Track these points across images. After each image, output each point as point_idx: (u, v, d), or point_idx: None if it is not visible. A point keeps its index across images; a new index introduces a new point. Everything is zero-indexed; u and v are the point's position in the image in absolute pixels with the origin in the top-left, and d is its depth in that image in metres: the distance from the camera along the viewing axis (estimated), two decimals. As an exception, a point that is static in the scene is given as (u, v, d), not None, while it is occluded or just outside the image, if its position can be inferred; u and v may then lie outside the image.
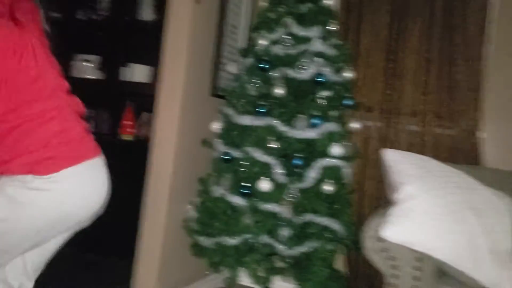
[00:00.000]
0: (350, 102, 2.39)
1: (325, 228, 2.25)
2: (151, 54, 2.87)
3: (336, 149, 2.24)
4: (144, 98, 2.98)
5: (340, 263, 2.69)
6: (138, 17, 3.00)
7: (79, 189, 1.36)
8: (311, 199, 2.23)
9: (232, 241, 2.23)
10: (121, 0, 2.95)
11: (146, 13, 2.99)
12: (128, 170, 2.76)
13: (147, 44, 2.99)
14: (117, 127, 2.94)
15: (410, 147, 2.62)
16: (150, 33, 2.93)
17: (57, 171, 1.30)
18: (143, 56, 3.02)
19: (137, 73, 2.94)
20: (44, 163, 1.29)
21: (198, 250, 2.42)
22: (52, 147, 1.31)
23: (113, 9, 2.98)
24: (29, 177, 1.27)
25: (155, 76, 2.72)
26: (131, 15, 2.98)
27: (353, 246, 2.28)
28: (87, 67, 3.06)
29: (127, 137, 2.87)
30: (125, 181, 2.76)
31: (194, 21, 2.51)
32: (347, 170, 2.33)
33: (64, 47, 3.08)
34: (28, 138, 1.29)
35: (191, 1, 2.48)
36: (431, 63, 2.64)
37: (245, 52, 2.48)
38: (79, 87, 3.13)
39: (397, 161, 1.97)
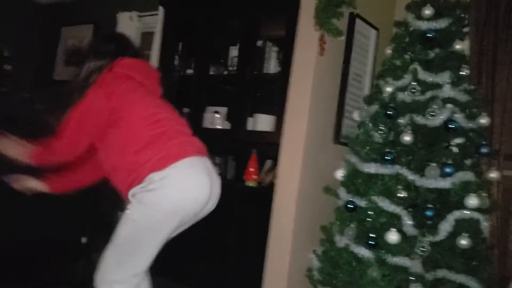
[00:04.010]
0: (486, 150, 2.22)
1: (461, 286, 2.06)
2: (274, 104, 2.99)
3: (472, 200, 2.07)
4: (268, 146, 3.08)
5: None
6: (264, 70, 3.16)
7: (183, 182, 1.75)
8: (444, 253, 2.07)
9: (357, 294, 2.13)
10: (249, 56, 3.14)
11: (271, 67, 3.14)
12: (252, 215, 2.84)
13: (271, 95, 3.13)
14: (243, 174, 3.06)
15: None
16: (274, 84, 3.07)
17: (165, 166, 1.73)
18: (267, 106, 3.16)
19: (262, 122, 3.06)
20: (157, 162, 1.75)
21: (322, 301, 2.36)
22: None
23: (240, 64, 3.18)
24: (147, 178, 1.72)
25: (279, 125, 2.81)
26: (257, 69, 3.15)
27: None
28: (217, 118, 3.27)
29: (251, 183, 2.97)
30: (249, 226, 2.85)
31: (317, 72, 2.58)
32: (485, 224, 2.13)
33: (197, 101, 3.35)
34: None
35: (315, 54, 2.56)
36: None
37: (370, 100, 2.46)
38: (209, 137, 3.38)
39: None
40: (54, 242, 3.40)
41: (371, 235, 2.13)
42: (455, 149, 2.18)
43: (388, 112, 2.26)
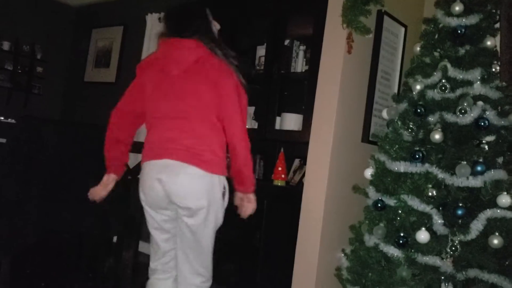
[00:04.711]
0: (518, 148, 2.18)
1: (494, 286, 2.03)
2: (302, 103, 3.00)
3: (505, 199, 2.04)
4: (296, 145, 3.09)
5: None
6: (292, 69, 3.18)
7: (140, 181, 1.98)
8: (476, 253, 2.05)
9: (387, 293, 2.13)
10: (276, 55, 3.16)
11: (299, 66, 3.15)
12: (281, 215, 2.86)
13: (299, 94, 3.14)
14: (271, 173, 3.08)
15: None
16: (302, 83, 3.08)
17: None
18: (295, 105, 3.17)
19: (289, 121, 3.08)
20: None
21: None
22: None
23: (268, 63, 3.20)
24: None
25: (307, 123, 2.82)
26: (285, 68, 3.17)
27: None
28: (244, 118, 3.30)
29: (280, 182, 2.99)
30: (278, 226, 2.87)
31: (345, 70, 2.58)
32: (518, 223, 2.09)
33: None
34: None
35: (342, 52, 2.56)
36: None
37: (399, 98, 2.44)
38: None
39: None
40: (87, 239, 3.49)
41: (400, 234, 2.13)
42: (486, 147, 2.15)
43: (417, 110, 2.24)
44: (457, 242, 2.08)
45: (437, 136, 2.15)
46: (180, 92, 1.93)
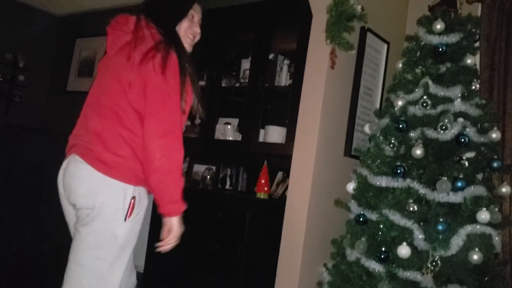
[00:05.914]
0: (497, 165, 2.22)
1: (473, 302, 2.04)
2: (286, 117, 3.02)
3: (484, 215, 2.07)
4: (279, 158, 3.10)
5: None
6: (276, 83, 3.19)
7: None
8: (456, 268, 2.06)
9: (368, 308, 2.13)
10: (260, 69, 3.18)
11: (283, 79, 3.18)
12: (263, 228, 2.85)
13: (283, 107, 3.16)
14: (254, 186, 3.08)
15: None
16: (285, 97, 3.10)
17: None
18: (278, 118, 3.18)
19: (273, 134, 3.09)
20: None
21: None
22: None
23: (252, 77, 3.21)
24: None
25: (290, 137, 2.83)
26: (269, 81, 3.19)
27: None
28: (228, 130, 3.30)
29: (262, 195, 2.98)
30: (260, 239, 2.86)
31: (328, 85, 2.60)
32: (497, 239, 2.12)
33: (209, 112, 3.39)
34: None
35: (326, 67, 2.59)
36: None
37: (381, 113, 2.47)
38: (220, 148, 3.39)
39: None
40: (67, 251, 3.42)
41: (382, 249, 2.14)
42: (466, 164, 2.18)
43: (399, 126, 2.27)
44: (437, 257, 2.09)
45: (418, 152, 2.18)
46: (104, 77, 1.68)
